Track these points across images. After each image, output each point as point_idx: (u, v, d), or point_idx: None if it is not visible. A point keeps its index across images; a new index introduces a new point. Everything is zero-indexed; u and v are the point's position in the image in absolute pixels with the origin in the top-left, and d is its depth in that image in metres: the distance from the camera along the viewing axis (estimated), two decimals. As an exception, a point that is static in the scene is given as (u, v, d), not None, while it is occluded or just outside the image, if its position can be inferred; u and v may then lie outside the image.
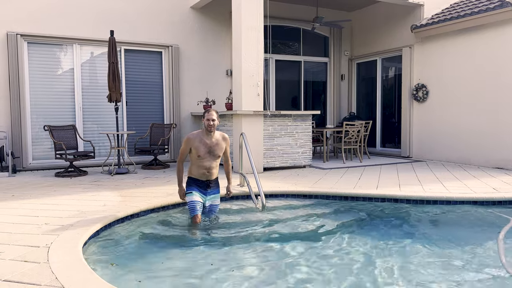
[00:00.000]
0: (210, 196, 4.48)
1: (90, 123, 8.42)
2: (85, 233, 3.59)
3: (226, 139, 4.52)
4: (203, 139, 4.35)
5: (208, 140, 4.35)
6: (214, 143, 4.37)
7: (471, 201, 5.07)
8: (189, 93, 9.18)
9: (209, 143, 4.35)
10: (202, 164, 4.35)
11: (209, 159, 4.36)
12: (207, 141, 4.34)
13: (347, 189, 5.62)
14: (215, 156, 4.39)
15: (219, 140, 4.42)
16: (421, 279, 3.03)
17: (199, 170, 4.38)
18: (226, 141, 4.52)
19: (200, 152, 4.31)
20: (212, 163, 4.39)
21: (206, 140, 4.34)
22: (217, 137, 4.42)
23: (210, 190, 4.46)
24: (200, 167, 4.36)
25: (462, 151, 8.42)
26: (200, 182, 4.42)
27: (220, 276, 3.07)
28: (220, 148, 4.42)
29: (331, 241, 3.87)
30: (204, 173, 4.38)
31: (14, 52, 7.54)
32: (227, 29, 9.12)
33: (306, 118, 7.93)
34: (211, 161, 4.38)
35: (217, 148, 4.39)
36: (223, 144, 4.45)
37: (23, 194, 5.43)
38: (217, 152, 4.39)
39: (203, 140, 4.34)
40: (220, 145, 4.41)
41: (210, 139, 4.36)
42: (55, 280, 2.61)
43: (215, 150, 4.37)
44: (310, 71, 11.24)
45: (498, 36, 7.69)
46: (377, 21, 10.50)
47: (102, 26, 8.19)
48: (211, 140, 4.36)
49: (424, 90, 9.18)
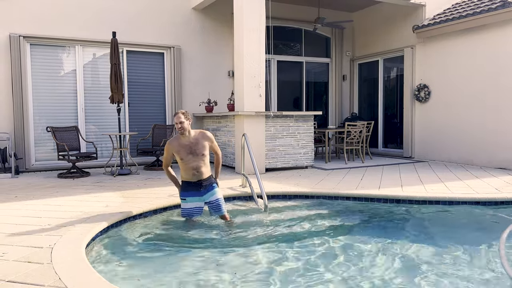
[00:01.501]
0: (206, 194, 4.43)
1: (93, 124, 8.44)
2: (88, 234, 3.61)
3: (207, 136, 4.42)
4: (181, 142, 4.31)
5: (186, 141, 4.31)
6: (194, 143, 4.32)
7: (474, 202, 5.06)
8: (191, 94, 9.19)
9: (188, 144, 4.30)
10: (189, 166, 4.31)
11: (193, 159, 4.30)
12: (186, 142, 4.31)
13: (349, 189, 5.62)
14: (198, 155, 4.32)
15: (198, 139, 4.35)
16: (422, 278, 3.02)
17: (188, 172, 4.34)
18: (208, 138, 4.41)
19: (182, 155, 4.28)
20: (199, 163, 4.33)
21: (184, 142, 4.31)
22: (195, 135, 4.35)
23: (203, 189, 4.41)
24: (188, 169, 4.33)
25: (464, 151, 8.41)
26: (193, 184, 4.38)
27: (221, 276, 3.07)
28: (202, 146, 4.34)
29: (333, 241, 3.87)
30: (193, 174, 4.33)
31: (17, 54, 7.57)
32: (229, 30, 9.13)
33: (308, 119, 7.93)
34: (196, 161, 4.32)
35: (197, 146, 4.32)
36: (203, 141, 4.36)
37: (26, 195, 5.45)
38: (199, 151, 4.32)
39: (182, 143, 4.31)
40: (199, 143, 4.34)
41: (188, 140, 4.31)
42: (58, 280, 2.62)
43: (196, 149, 4.31)
44: (312, 71, 11.24)
45: (500, 36, 7.68)
46: (378, 21, 10.50)
47: (104, 27, 8.22)
48: (189, 140, 4.31)
49: (426, 90, 9.18)
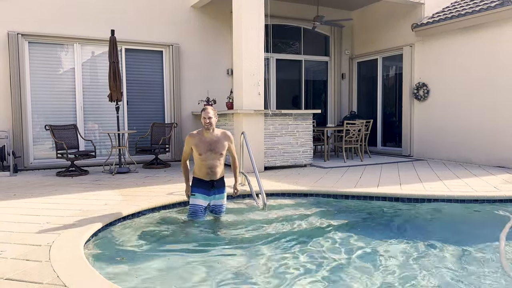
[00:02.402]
0: (214, 196, 4.45)
1: (91, 123, 8.43)
2: (87, 232, 3.61)
3: (228, 137, 4.44)
4: (202, 136, 4.32)
5: (208, 137, 4.32)
6: (214, 140, 4.33)
7: (472, 200, 5.07)
8: (190, 92, 9.18)
9: (208, 140, 4.31)
10: (205, 163, 4.31)
11: (211, 157, 4.31)
12: (207, 138, 4.32)
13: (348, 188, 5.62)
14: (217, 154, 4.33)
15: (219, 137, 4.36)
16: (420, 277, 3.03)
17: (202, 170, 4.34)
18: (228, 139, 4.43)
19: (200, 150, 4.28)
20: (215, 162, 4.33)
21: (206, 137, 4.32)
22: (217, 134, 4.37)
23: (214, 190, 4.41)
24: (203, 167, 4.33)
25: (463, 149, 8.42)
26: (204, 182, 4.38)
27: (220, 275, 3.08)
28: (221, 145, 4.35)
29: (332, 240, 3.87)
30: (207, 173, 4.34)
31: (15, 52, 7.55)
32: (228, 28, 9.12)
33: (307, 117, 7.93)
34: (214, 159, 4.32)
35: (217, 145, 4.32)
36: (224, 141, 4.38)
37: (24, 194, 5.44)
38: (218, 149, 4.33)
39: (203, 138, 4.31)
40: (220, 141, 4.35)
41: (210, 136, 4.32)
42: (56, 278, 2.62)
43: (216, 147, 4.32)
44: (311, 70, 11.24)
45: (498, 34, 7.68)
46: (377, 20, 10.50)
47: (102, 25, 8.20)
48: (211, 137, 4.33)
49: (425, 89, 9.18)
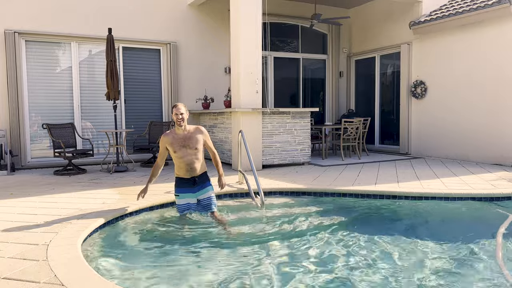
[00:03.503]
0: (200, 191, 4.45)
1: (89, 121, 8.41)
2: (84, 231, 3.60)
3: (202, 131, 4.45)
4: (175, 134, 4.35)
5: (181, 134, 4.34)
6: (187, 136, 4.34)
7: (470, 197, 5.08)
8: (188, 91, 9.17)
9: (181, 137, 4.32)
10: (183, 160, 4.32)
11: (186, 153, 4.31)
12: (180, 135, 4.34)
13: (346, 186, 5.63)
14: (192, 149, 4.33)
15: (192, 133, 4.37)
16: (419, 275, 3.04)
17: (181, 168, 4.36)
18: (202, 133, 4.44)
19: (175, 147, 4.30)
20: (192, 158, 4.34)
21: (178, 134, 4.34)
22: (189, 129, 4.39)
23: (197, 186, 4.42)
24: (182, 164, 4.33)
25: (460, 147, 8.44)
26: (186, 180, 4.39)
27: (219, 273, 3.08)
28: (196, 140, 4.35)
29: (330, 238, 3.87)
30: (187, 170, 4.34)
31: (12, 50, 7.52)
32: (226, 26, 9.11)
33: (304, 115, 7.93)
34: (190, 155, 4.33)
35: (191, 140, 4.34)
36: (197, 135, 4.39)
37: (21, 193, 5.43)
38: (192, 144, 4.33)
39: (175, 135, 4.34)
40: (194, 137, 4.36)
41: (182, 132, 4.35)
42: (54, 277, 2.61)
43: (190, 142, 4.33)
44: (309, 68, 11.23)
45: (496, 31, 7.69)
46: (375, 18, 10.50)
47: (100, 23, 8.17)
48: (184, 133, 4.35)
49: (422, 86, 9.19)
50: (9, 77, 7.54)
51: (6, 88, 7.58)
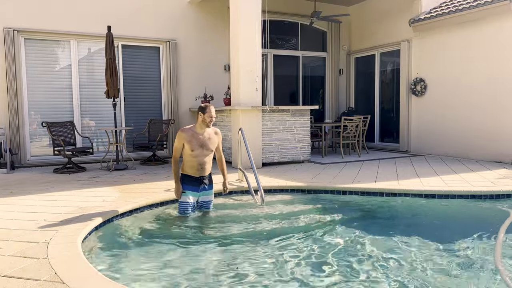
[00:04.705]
0: (203, 192, 4.46)
1: (88, 119, 8.41)
2: (84, 229, 3.60)
3: (218, 134, 4.51)
4: (195, 133, 4.33)
5: (201, 134, 4.34)
6: (207, 137, 4.36)
7: (469, 195, 5.08)
8: (187, 89, 9.16)
9: (201, 138, 4.33)
10: (196, 160, 4.32)
11: (202, 154, 4.33)
12: (200, 135, 4.33)
13: (345, 183, 5.63)
14: (208, 150, 4.37)
15: (211, 135, 4.41)
16: (418, 273, 3.04)
17: (192, 166, 4.35)
18: (218, 136, 4.51)
19: (194, 147, 4.29)
20: (206, 158, 4.37)
21: (199, 134, 4.33)
22: (209, 131, 4.41)
23: (203, 186, 4.43)
24: (194, 163, 4.34)
25: (460, 145, 8.44)
26: (194, 179, 4.39)
27: (218, 271, 3.08)
28: (213, 143, 4.41)
29: (329, 235, 3.88)
30: (198, 169, 4.36)
31: (11, 49, 7.51)
32: (225, 24, 9.08)
33: (304, 113, 7.92)
34: (204, 156, 4.35)
35: (209, 142, 4.37)
36: (215, 138, 4.44)
37: (21, 191, 5.43)
38: (210, 147, 4.38)
39: (196, 135, 4.32)
40: (212, 139, 4.40)
41: (203, 134, 4.35)
42: (54, 275, 2.62)
43: (208, 144, 4.36)
44: (309, 66, 11.22)
45: (495, 28, 7.68)
46: (375, 15, 10.48)
47: (99, 21, 8.15)
48: (204, 134, 4.35)
49: (422, 84, 9.18)
50: (9, 75, 7.53)
51: (6, 86, 7.56)
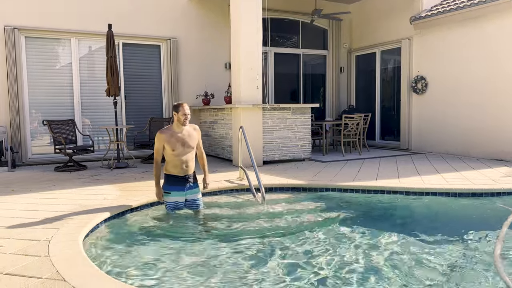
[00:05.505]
0: (190, 191, 4.42)
1: (89, 118, 8.41)
2: (85, 227, 3.61)
3: (197, 130, 4.48)
4: (174, 132, 4.30)
5: (180, 133, 4.31)
6: (186, 135, 4.33)
7: (470, 193, 5.08)
8: (188, 87, 9.15)
9: (181, 136, 4.30)
10: (179, 159, 4.29)
11: (184, 152, 4.30)
12: (179, 133, 4.30)
13: (346, 181, 5.63)
14: (189, 148, 4.34)
15: (190, 132, 4.37)
16: (418, 270, 3.04)
17: (176, 166, 4.32)
18: (198, 132, 4.47)
19: (174, 146, 4.26)
20: (189, 156, 4.34)
21: (177, 133, 4.30)
22: (188, 129, 4.37)
23: (188, 185, 4.40)
24: (177, 162, 4.30)
25: (461, 143, 8.43)
26: (179, 178, 4.36)
27: (218, 269, 3.08)
28: (193, 139, 4.38)
29: (330, 233, 3.88)
30: (182, 168, 4.32)
31: (12, 47, 7.50)
32: (226, 22, 9.07)
33: (305, 111, 7.92)
34: (187, 154, 4.32)
35: (190, 139, 4.34)
36: (195, 134, 4.41)
37: (23, 189, 5.44)
38: (190, 144, 4.35)
39: (175, 134, 4.29)
40: (192, 136, 4.37)
41: (182, 132, 4.32)
42: (56, 273, 2.62)
43: (189, 142, 4.33)
44: (309, 64, 11.21)
45: (497, 26, 7.66)
46: (376, 13, 10.46)
47: (99, 19, 8.14)
48: (183, 132, 4.32)
49: (423, 82, 9.17)
50: (9, 74, 7.53)
51: (6, 84, 7.57)
